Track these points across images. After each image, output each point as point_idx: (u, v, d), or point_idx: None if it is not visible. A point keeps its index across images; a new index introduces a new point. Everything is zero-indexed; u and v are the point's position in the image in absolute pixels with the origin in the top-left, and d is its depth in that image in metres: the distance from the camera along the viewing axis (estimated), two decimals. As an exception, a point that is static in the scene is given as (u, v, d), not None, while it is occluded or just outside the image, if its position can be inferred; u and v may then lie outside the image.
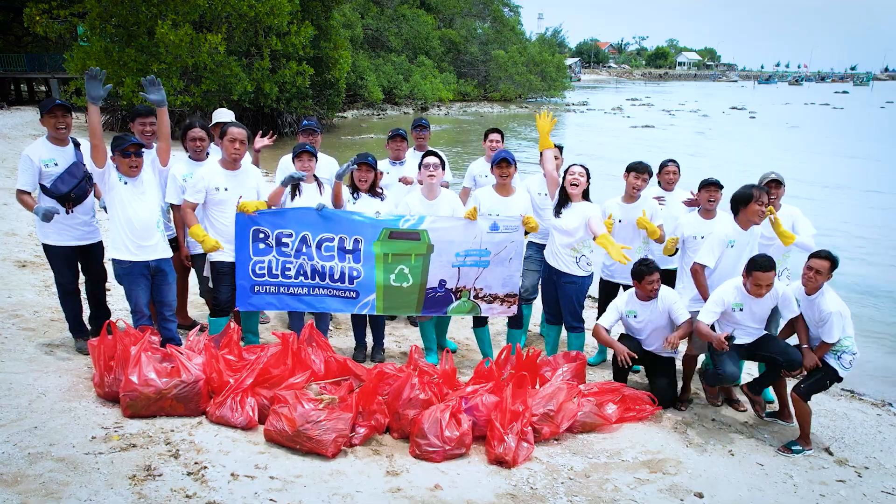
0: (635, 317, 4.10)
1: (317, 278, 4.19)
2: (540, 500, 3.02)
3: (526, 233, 4.34)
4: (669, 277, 4.46)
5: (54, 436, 3.03)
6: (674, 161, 4.75)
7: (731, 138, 22.91)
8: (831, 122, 32.15)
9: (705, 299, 3.92)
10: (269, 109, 21.07)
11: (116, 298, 4.96)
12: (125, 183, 3.79)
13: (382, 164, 4.95)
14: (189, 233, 4.04)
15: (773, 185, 4.15)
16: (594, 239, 4.02)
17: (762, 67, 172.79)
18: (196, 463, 2.94)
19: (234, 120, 4.56)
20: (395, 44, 37.38)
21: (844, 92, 74.73)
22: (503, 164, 4.24)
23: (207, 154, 4.48)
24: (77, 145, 4.04)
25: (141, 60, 17.15)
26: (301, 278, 4.19)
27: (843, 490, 3.41)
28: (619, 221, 4.40)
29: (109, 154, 3.80)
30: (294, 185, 4.20)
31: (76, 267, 4.14)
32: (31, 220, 7.60)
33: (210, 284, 4.24)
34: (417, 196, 4.36)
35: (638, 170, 4.35)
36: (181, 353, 3.43)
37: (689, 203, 4.52)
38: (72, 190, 3.91)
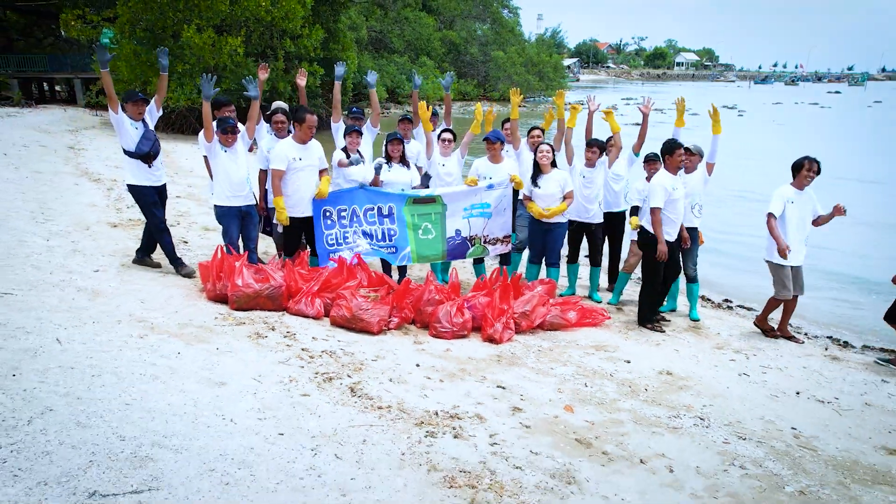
0: None
1: (368, 237, 5.66)
2: (517, 359, 4.50)
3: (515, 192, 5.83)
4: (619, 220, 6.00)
5: (191, 316, 4.50)
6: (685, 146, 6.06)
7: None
8: (815, 121, 33.60)
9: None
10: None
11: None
12: (224, 151, 5.27)
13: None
14: (273, 200, 5.44)
15: (687, 153, 5.61)
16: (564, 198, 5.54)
17: (760, 68, 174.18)
18: (287, 332, 4.42)
19: (285, 108, 6.06)
20: (398, 45, 38.88)
21: (837, 92, 76.19)
22: (491, 143, 5.76)
23: (289, 132, 5.84)
24: (145, 123, 5.49)
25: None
26: (355, 240, 5.64)
27: (731, 363, 4.89)
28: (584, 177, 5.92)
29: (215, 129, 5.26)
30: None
31: (161, 205, 5.57)
32: (105, 194, 9.09)
33: (279, 230, 5.70)
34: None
35: (589, 144, 5.89)
36: (270, 269, 4.91)
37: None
38: (150, 149, 5.39)
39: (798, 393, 4.38)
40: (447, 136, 6.01)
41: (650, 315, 5.53)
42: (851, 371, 4.89)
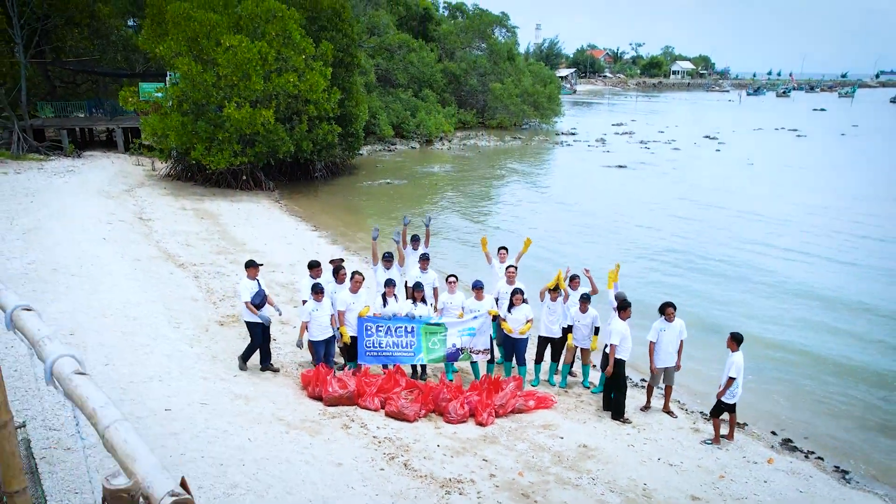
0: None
1: (395, 346, 8.80)
2: (495, 438, 7.65)
3: (495, 318, 8.98)
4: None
5: (305, 413, 7.65)
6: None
7: (676, 183, 27.27)
8: (784, 156, 36.68)
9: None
10: (303, 160, 25.71)
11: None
12: (316, 310, 8.39)
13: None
14: (340, 329, 8.59)
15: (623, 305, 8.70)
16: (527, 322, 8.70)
17: (755, 75, 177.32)
18: (362, 423, 7.56)
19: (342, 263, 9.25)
20: (402, 79, 42.04)
21: (822, 109, 79.47)
22: (475, 289, 8.92)
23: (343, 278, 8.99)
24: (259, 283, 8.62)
25: (209, 131, 21.78)
26: (387, 348, 8.79)
27: (627, 436, 8.03)
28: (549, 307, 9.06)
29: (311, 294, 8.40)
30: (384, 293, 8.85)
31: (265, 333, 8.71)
32: (195, 282, 12.20)
33: (341, 346, 8.87)
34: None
35: (552, 290, 9.03)
36: (346, 378, 8.06)
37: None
38: (260, 302, 8.51)
39: (659, 458, 7.53)
40: (453, 279, 9.12)
41: (621, 412, 8.51)
42: (698, 442, 8.04)
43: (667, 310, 8.35)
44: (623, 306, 8.45)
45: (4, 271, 12.08)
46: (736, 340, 7.69)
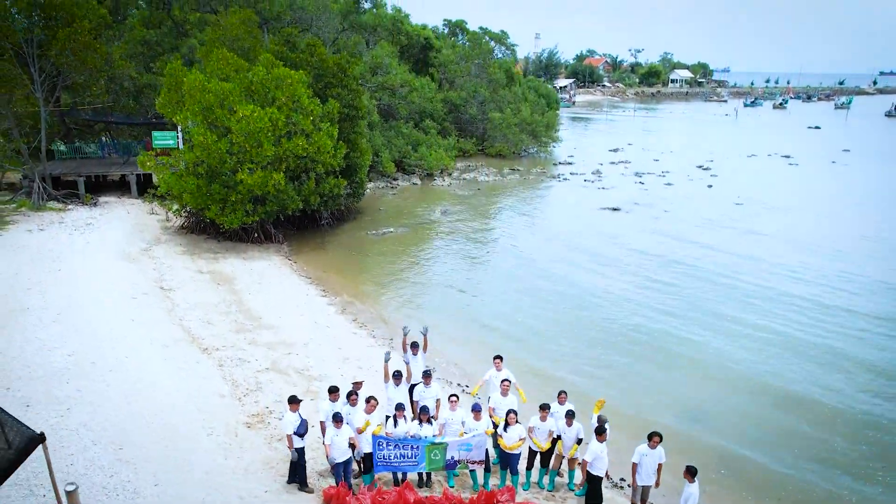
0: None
1: (402, 458, 10.08)
2: (490, 554, 8.93)
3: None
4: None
5: (326, 532, 8.92)
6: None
7: (664, 237, 28.30)
8: (773, 193, 37.91)
9: None
10: (310, 211, 26.99)
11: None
12: (337, 435, 9.65)
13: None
14: (361, 440, 9.88)
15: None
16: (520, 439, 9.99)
17: (752, 84, 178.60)
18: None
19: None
20: (404, 112, 43.33)
21: (817, 127, 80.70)
22: (474, 411, 10.18)
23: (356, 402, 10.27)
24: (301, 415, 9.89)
25: (223, 193, 23.05)
26: (395, 459, 10.07)
27: (603, 548, 9.31)
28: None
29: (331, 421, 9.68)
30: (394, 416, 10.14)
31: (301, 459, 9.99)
32: (219, 372, 13.47)
33: (359, 459, 10.15)
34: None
35: (542, 408, 10.29)
36: (363, 497, 9.34)
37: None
38: (304, 431, 9.79)
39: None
40: (454, 398, 10.41)
41: None
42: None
43: (653, 438, 9.62)
44: (599, 431, 9.73)
45: (49, 364, 13.43)
46: (691, 473, 8.94)
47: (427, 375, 11.05)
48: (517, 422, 10.19)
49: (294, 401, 9.85)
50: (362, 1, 44.05)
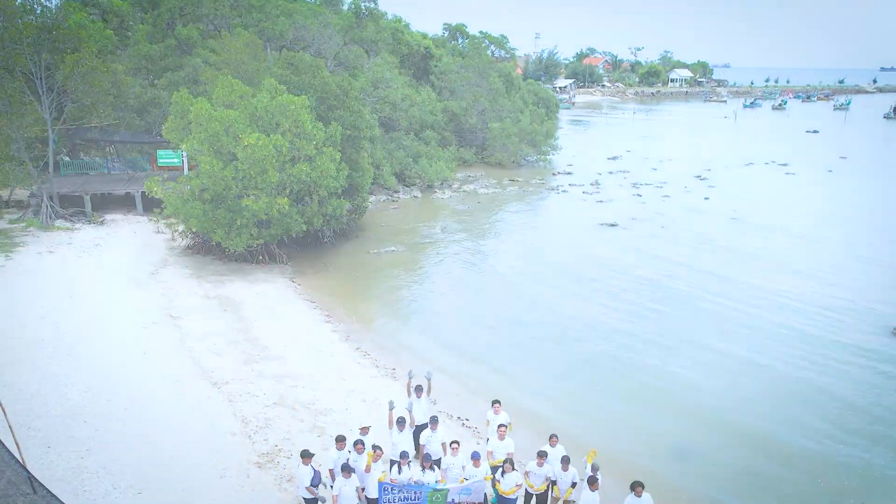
0: None
1: (406, 501, 10.69)
2: None
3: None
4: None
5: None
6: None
7: (657, 258, 28.83)
8: (768, 207, 38.39)
9: None
10: (313, 230, 27.56)
11: None
12: (345, 485, 10.27)
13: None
14: (368, 483, 10.50)
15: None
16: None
17: (752, 83, 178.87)
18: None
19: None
20: (405, 123, 43.86)
21: (815, 131, 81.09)
22: (473, 459, 10.80)
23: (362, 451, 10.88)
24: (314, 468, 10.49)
25: (228, 217, 23.62)
26: (400, 502, 10.70)
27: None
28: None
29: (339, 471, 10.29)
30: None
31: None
32: (229, 408, 14.07)
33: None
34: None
35: (539, 455, 10.89)
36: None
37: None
38: (316, 483, 10.39)
39: None
40: (455, 444, 11.04)
41: None
42: None
43: (636, 488, 10.22)
44: (591, 481, 10.33)
45: (66, 402, 14.05)
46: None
47: (434, 422, 11.63)
48: (514, 469, 10.81)
49: (307, 455, 10.44)
50: (363, 15, 44.37)
